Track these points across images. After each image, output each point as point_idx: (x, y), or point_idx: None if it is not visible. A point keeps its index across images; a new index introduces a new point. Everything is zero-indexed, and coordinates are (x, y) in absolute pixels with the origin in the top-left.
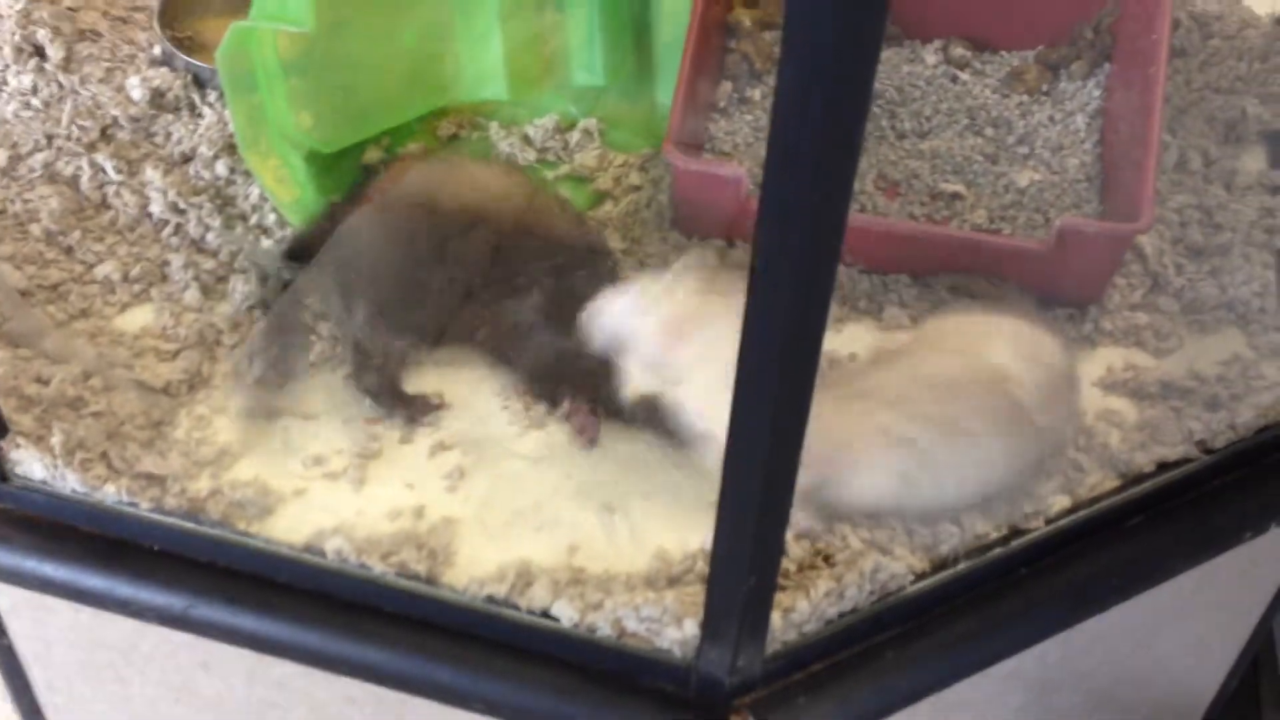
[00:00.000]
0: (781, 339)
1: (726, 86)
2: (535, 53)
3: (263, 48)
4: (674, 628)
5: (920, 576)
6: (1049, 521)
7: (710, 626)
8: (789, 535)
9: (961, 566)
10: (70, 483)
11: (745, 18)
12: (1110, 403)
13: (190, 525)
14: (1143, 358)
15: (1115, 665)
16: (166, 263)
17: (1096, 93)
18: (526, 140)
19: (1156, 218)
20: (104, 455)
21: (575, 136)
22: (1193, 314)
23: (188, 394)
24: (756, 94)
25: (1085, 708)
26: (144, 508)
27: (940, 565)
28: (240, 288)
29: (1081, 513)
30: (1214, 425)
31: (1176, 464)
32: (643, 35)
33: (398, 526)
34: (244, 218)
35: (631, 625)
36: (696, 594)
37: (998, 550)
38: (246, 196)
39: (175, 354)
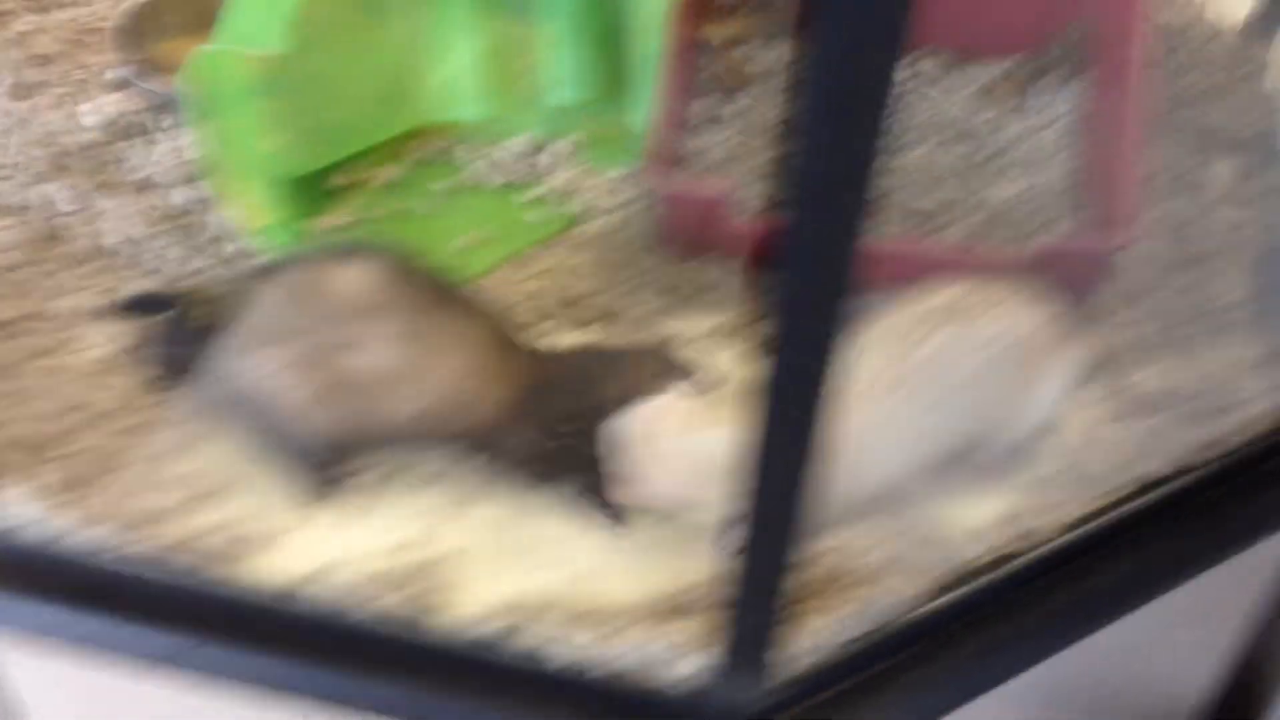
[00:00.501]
0: (802, 368)
1: (700, 105)
2: (509, 72)
3: (230, 70)
4: (687, 660)
5: (928, 599)
6: (1053, 538)
7: (727, 658)
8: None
9: (971, 585)
10: (55, 525)
11: (715, 35)
12: (1097, 416)
13: (184, 565)
14: (1126, 372)
15: (1114, 675)
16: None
17: (1066, 107)
18: (495, 162)
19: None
20: (87, 496)
21: (546, 158)
22: (1173, 327)
23: (166, 429)
24: (727, 111)
25: (1085, 717)
26: (136, 549)
27: (947, 587)
28: None
29: (1086, 527)
30: (1202, 437)
31: (1169, 478)
32: (615, 52)
33: (395, 562)
34: (209, 245)
35: (643, 659)
36: (700, 623)
37: (1005, 568)
38: (204, 226)
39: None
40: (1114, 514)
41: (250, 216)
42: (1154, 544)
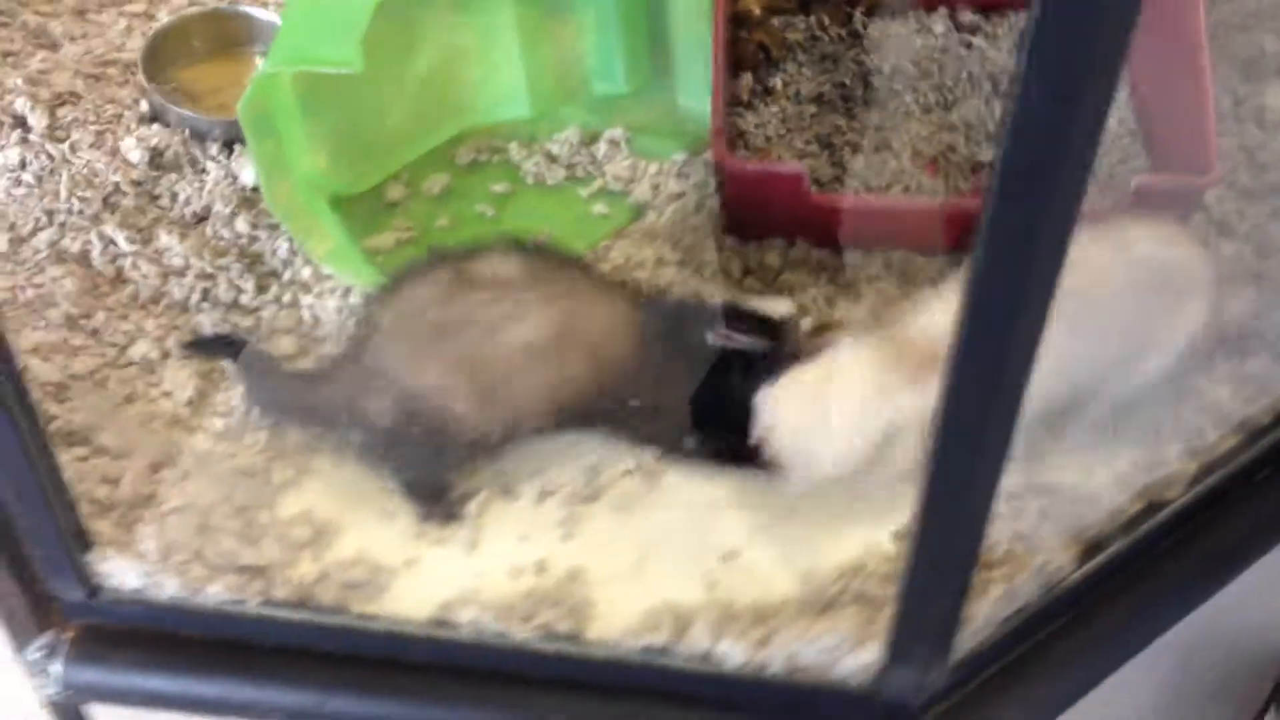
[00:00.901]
0: (995, 354)
1: (747, 79)
2: (555, 66)
3: (279, 92)
4: (852, 655)
5: (1080, 557)
6: (1185, 490)
7: (898, 650)
8: None
9: (1113, 548)
10: (168, 588)
11: (754, 5)
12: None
13: (306, 615)
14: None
15: (1239, 618)
16: (197, 329)
17: None
18: (551, 157)
19: None
20: (199, 553)
21: (602, 148)
22: (1264, 258)
23: (264, 471)
24: (778, 82)
25: (1210, 665)
26: (252, 604)
27: (1091, 549)
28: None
29: (1213, 476)
30: None
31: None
32: (658, 37)
33: (525, 585)
34: (276, 274)
35: (806, 658)
36: (857, 615)
37: (1142, 525)
38: (275, 252)
39: (238, 425)
40: (1232, 464)
41: (313, 240)
42: (1267, 494)
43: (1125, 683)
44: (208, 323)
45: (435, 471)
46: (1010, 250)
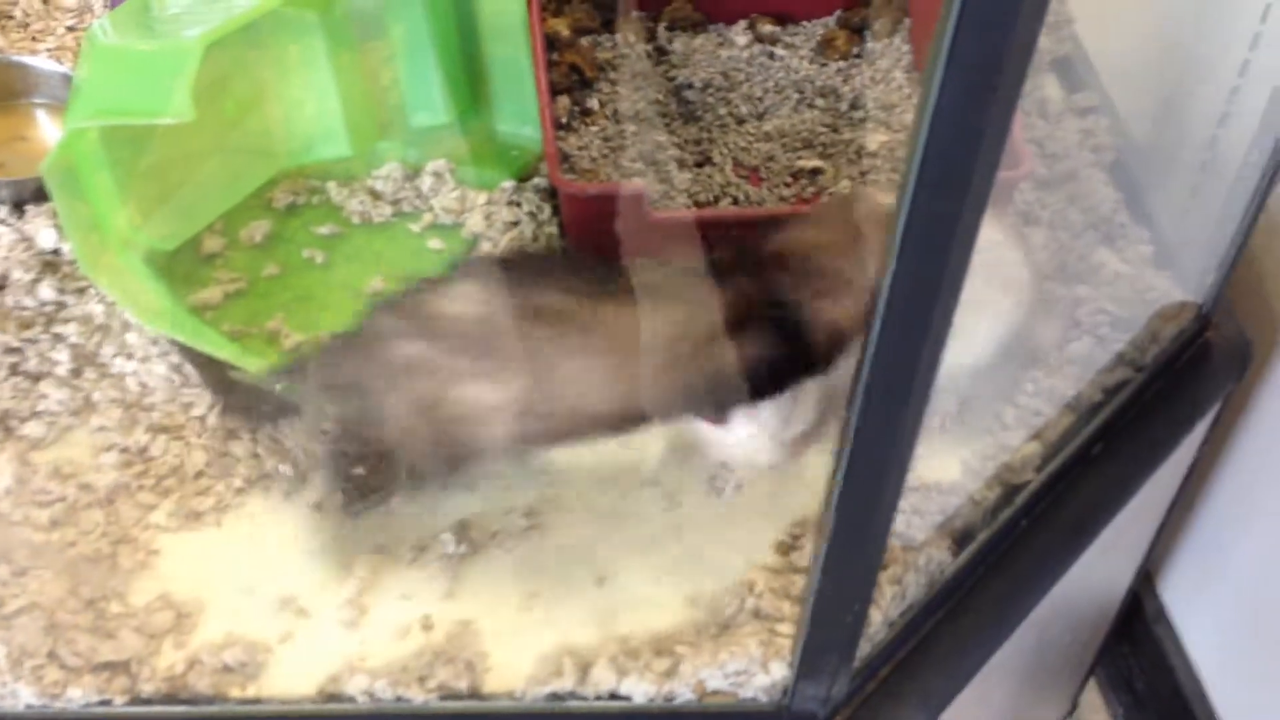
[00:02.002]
0: (898, 368)
1: (564, 101)
2: (367, 101)
3: (86, 147)
4: (762, 674)
5: (953, 548)
6: (1034, 472)
7: (806, 665)
8: None
9: (980, 536)
10: (24, 697)
11: (561, 26)
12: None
13: (182, 709)
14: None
15: (1083, 583)
16: (8, 413)
17: (905, 47)
18: (375, 194)
19: None
20: (52, 654)
21: (427, 181)
22: (1071, 244)
23: (110, 556)
24: (595, 103)
25: (1064, 630)
26: (119, 702)
27: (961, 539)
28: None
29: (1058, 457)
30: (1134, 342)
31: (1116, 388)
32: (473, 64)
33: (414, 645)
34: (93, 342)
35: (714, 684)
36: (757, 633)
37: (1002, 511)
38: (89, 317)
39: (69, 511)
40: (1070, 444)
41: (135, 303)
42: (1103, 468)
43: (998, 664)
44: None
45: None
46: (922, 262)
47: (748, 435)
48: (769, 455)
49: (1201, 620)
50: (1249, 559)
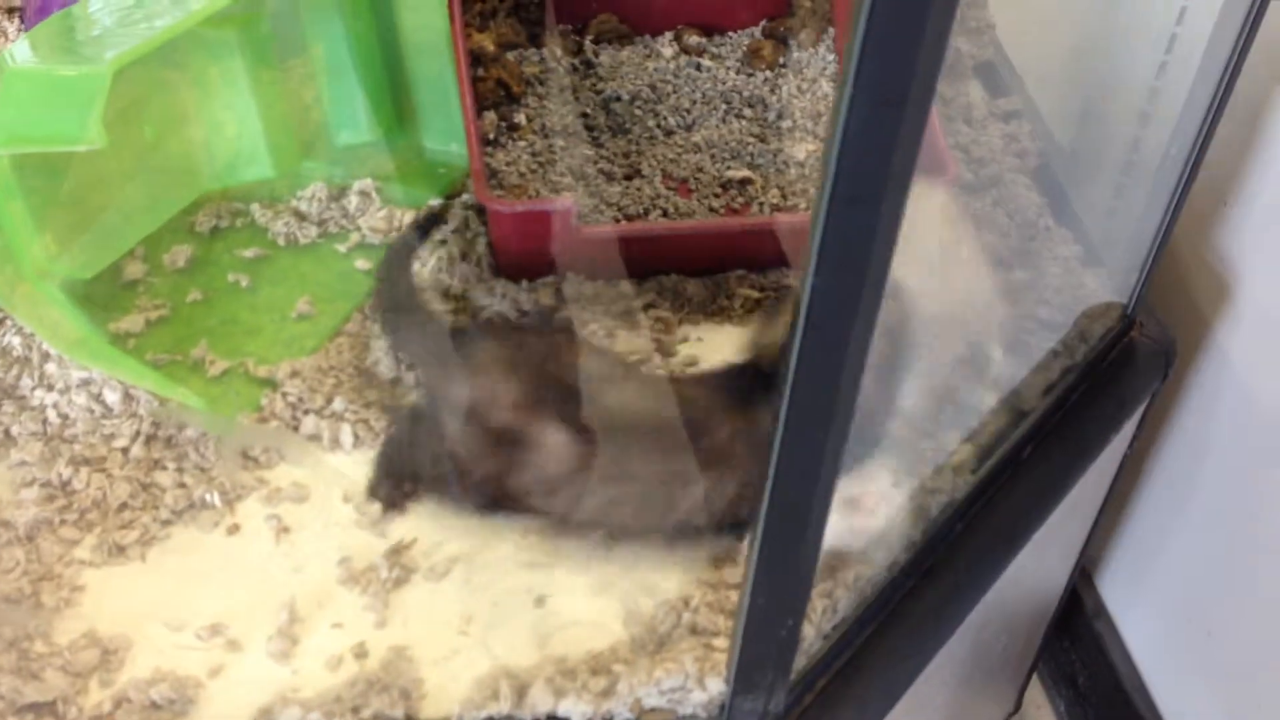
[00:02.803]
0: (823, 384)
1: (491, 117)
2: (294, 120)
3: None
4: (699, 690)
5: (885, 565)
6: (967, 477)
7: (742, 680)
8: None
9: (916, 541)
10: None
11: (486, 42)
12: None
13: None
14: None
15: (1017, 585)
16: None
17: (831, 56)
18: (300, 215)
19: None
20: None
21: (353, 201)
22: (997, 247)
23: (32, 595)
24: (522, 118)
25: (998, 631)
26: None
27: (895, 547)
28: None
29: (991, 459)
30: (1063, 343)
31: (1045, 390)
32: (396, 79)
33: (347, 675)
34: (8, 375)
35: (651, 701)
36: (693, 649)
37: (934, 517)
38: (5, 349)
39: None
40: (1001, 448)
41: (54, 333)
42: (1055, 448)
43: (935, 669)
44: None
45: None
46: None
47: None
48: None
49: (1139, 615)
50: (1182, 553)
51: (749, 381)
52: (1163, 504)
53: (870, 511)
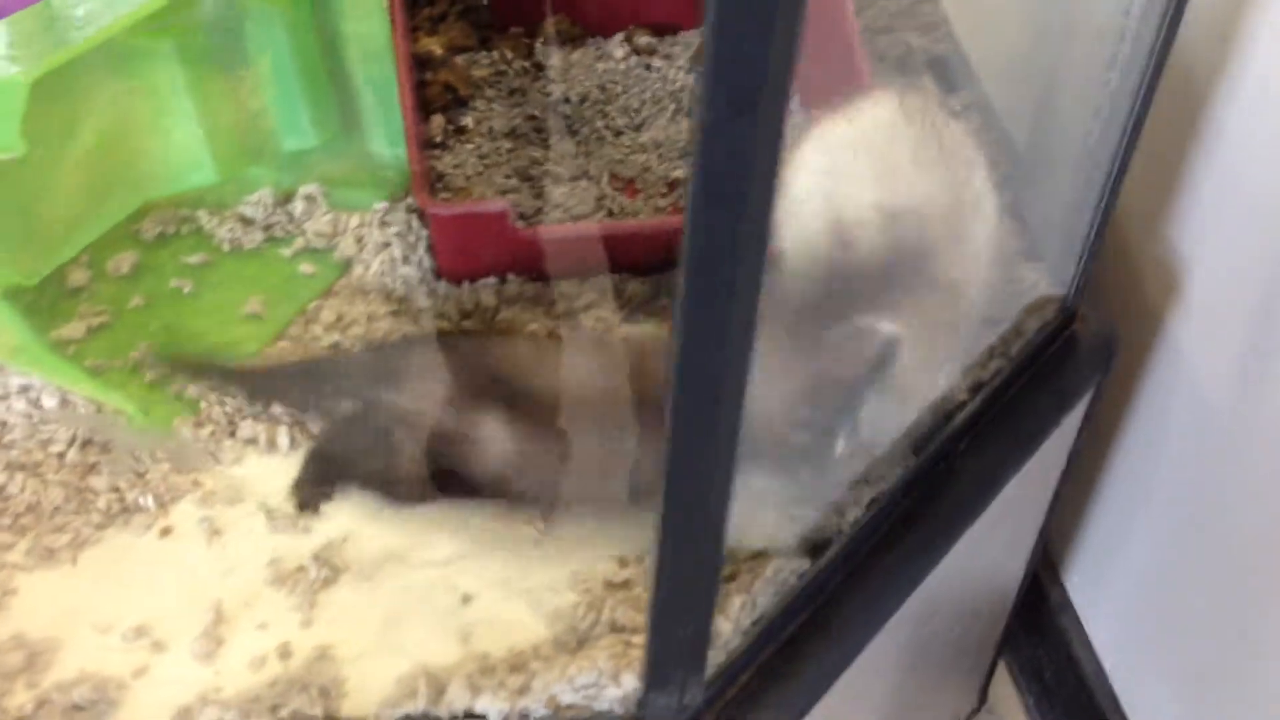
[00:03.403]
0: (712, 384)
1: (438, 120)
2: (236, 126)
3: None
4: (613, 686)
5: (811, 553)
6: (897, 473)
7: (654, 676)
8: None
9: (843, 536)
10: None
11: (435, 46)
12: None
13: None
14: None
15: (961, 579)
16: None
17: None
18: (246, 221)
19: None
20: None
21: (299, 206)
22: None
23: None
24: (470, 121)
25: (944, 626)
26: None
27: (821, 544)
28: None
29: (927, 449)
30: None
31: (982, 385)
32: (342, 85)
33: (269, 674)
34: None
35: (567, 698)
36: (612, 646)
37: (866, 510)
38: None
39: None
40: (934, 441)
41: None
42: (990, 443)
43: (869, 663)
44: None
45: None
46: (712, 264)
47: None
48: None
49: (1102, 609)
50: (1142, 549)
51: None
52: (1123, 498)
53: None
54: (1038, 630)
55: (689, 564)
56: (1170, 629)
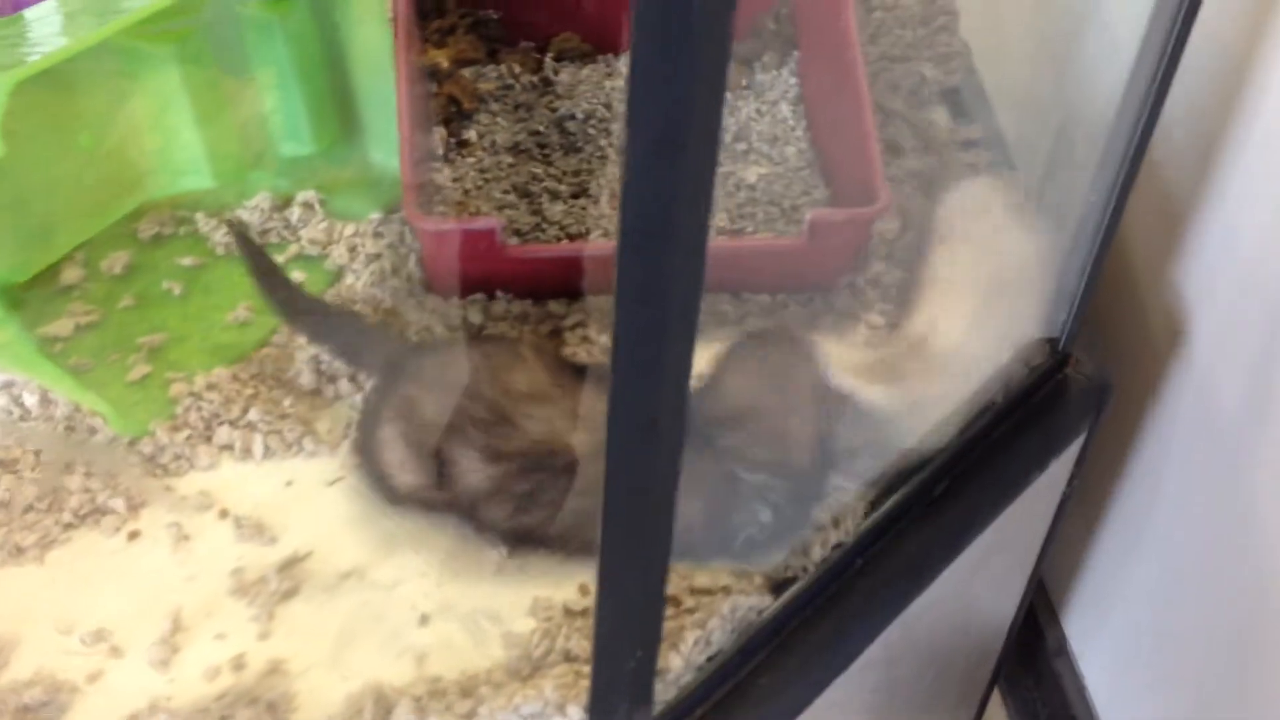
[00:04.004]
0: (650, 406)
1: (441, 132)
2: (236, 131)
3: None
4: (558, 717)
5: (773, 592)
6: (871, 509)
7: (598, 708)
8: None
9: (806, 577)
10: None
11: (441, 58)
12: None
13: None
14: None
15: (940, 621)
16: None
17: (793, 80)
18: (243, 225)
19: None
20: None
21: (296, 212)
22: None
23: None
24: (473, 134)
25: (920, 668)
26: None
27: (785, 582)
28: None
29: (897, 493)
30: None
31: (963, 428)
32: (343, 93)
33: (221, 686)
34: None
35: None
36: (563, 675)
37: (833, 550)
38: None
39: None
40: (909, 483)
41: None
42: (970, 486)
43: (833, 703)
44: None
45: None
46: (645, 300)
47: None
48: None
49: (1099, 653)
50: (1141, 593)
51: None
52: (1122, 542)
53: None
54: (1034, 672)
55: (632, 594)
56: (1164, 675)
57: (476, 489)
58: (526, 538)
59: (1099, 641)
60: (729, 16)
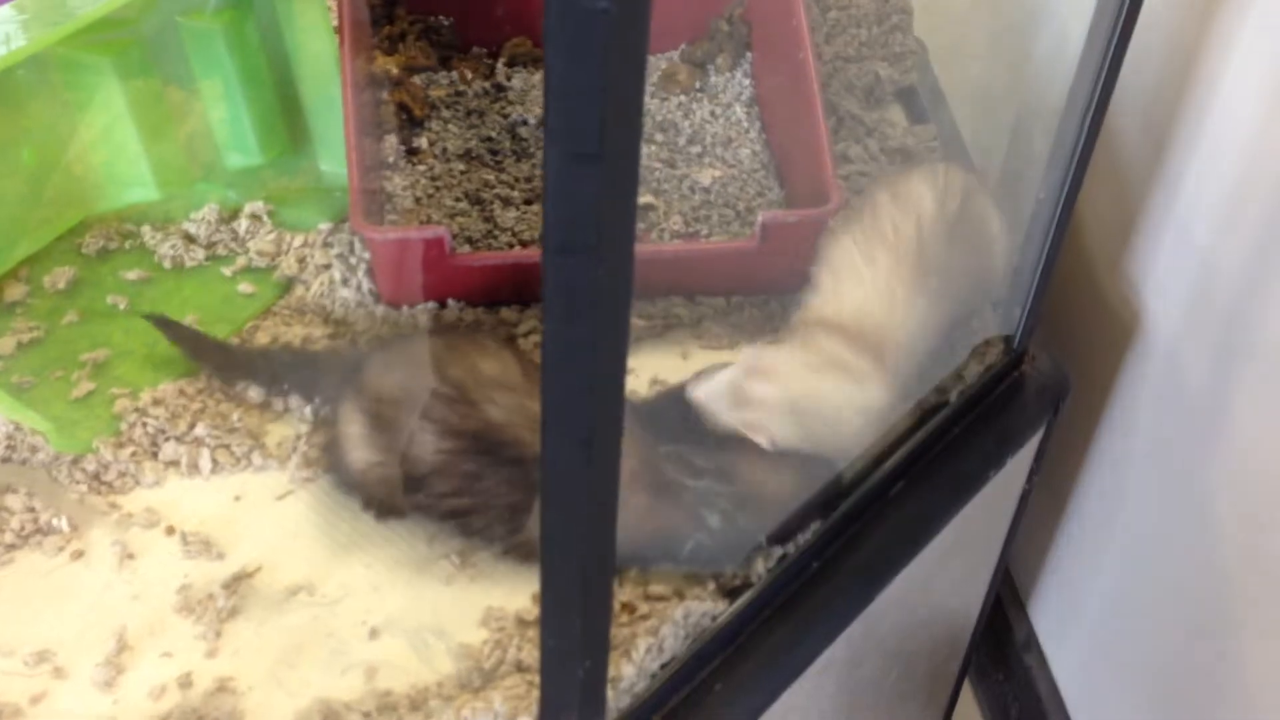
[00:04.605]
0: (590, 418)
1: (392, 140)
2: (181, 142)
3: None
4: None
5: (728, 597)
6: (827, 510)
7: (548, 718)
8: None
9: (760, 581)
10: None
11: (392, 65)
12: None
13: None
14: None
15: (902, 621)
16: None
17: (746, 82)
18: (189, 238)
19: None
20: None
21: (244, 224)
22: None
23: None
24: (424, 142)
25: (884, 667)
26: None
27: (740, 586)
28: None
29: (855, 493)
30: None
31: (918, 427)
32: (291, 103)
33: (168, 705)
34: None
35: None
36: (516, 685)
37: (788, 554)
38: None
39: None
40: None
41: None
42: (927, 485)
43: (792, 707)
44: None
45: None
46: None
47: None
48: None
49: (1066, 647)
50: (1107, 585)
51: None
52: (1087, 535)
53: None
54: (1004, 666)
55: (578, 603)
56: (1132, 666)
57: (425, 462)
58: (464, 527)
59: (1068, 633)
60: (644, 22)
